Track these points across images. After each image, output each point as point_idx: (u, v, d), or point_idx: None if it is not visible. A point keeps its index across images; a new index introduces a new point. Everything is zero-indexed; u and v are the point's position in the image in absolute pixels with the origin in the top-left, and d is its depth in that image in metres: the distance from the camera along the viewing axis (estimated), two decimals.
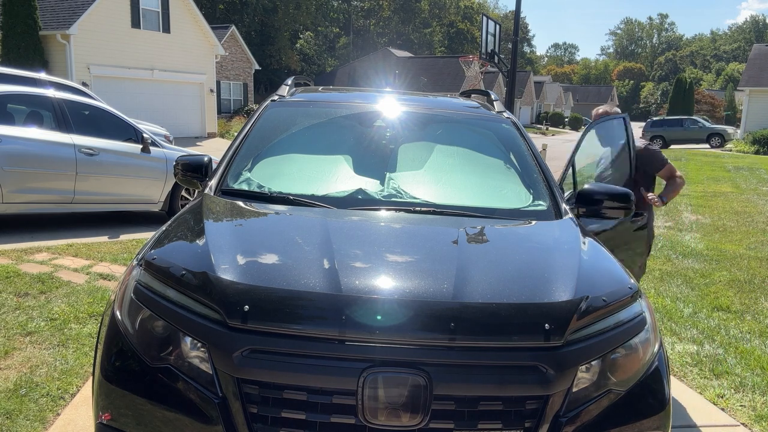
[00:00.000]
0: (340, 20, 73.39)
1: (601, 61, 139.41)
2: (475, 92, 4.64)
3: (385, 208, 2.68)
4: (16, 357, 3.78)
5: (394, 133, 3.37)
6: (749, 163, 21.53)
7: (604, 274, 2.32)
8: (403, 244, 2.37)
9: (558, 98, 77.20)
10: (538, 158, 3.28)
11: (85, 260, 6.03)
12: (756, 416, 3.55)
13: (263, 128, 3.32)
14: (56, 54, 20.27)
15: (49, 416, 3.16)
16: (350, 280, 1.94)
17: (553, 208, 2.89)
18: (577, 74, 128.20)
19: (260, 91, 41.61)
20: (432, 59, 54.85)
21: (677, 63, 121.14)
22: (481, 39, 18.74)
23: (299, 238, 2.27)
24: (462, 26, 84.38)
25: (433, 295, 1.92)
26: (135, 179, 7.98)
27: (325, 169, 3.06)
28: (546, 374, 1.82)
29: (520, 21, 17.19)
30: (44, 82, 9.75)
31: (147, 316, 1.98)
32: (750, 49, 42.35)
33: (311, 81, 4.70)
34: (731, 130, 33.40)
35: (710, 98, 55.01)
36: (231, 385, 1.79)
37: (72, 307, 4.63)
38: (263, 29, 47.39)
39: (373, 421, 1.75)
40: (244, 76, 34.20)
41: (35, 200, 7.20)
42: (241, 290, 1.89)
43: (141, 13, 22.44)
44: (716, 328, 4.95)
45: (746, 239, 8.57)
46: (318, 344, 1.79)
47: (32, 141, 7.06)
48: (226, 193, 2.82)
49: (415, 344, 1.81)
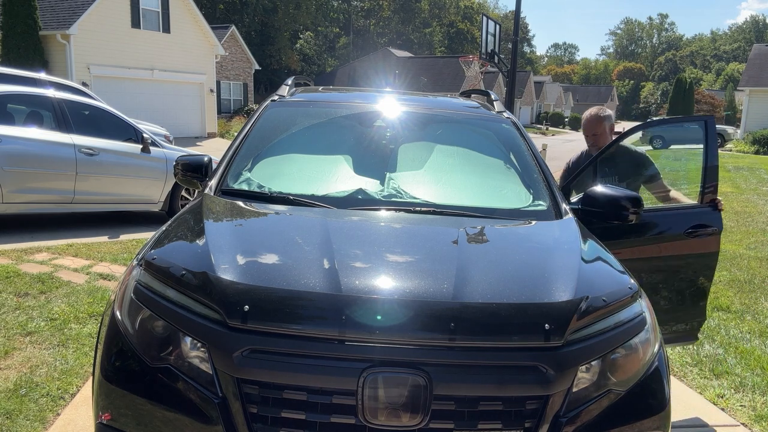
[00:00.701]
0: (340, 20, 73.38)
1: (601, 61, 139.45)
2: (475, 92, 4.64)
3: (385, 208, 2.68)
4: (16, 357, 3.78)
5: (394, 133, 3.37)
6: (749, 163, 21.53)
7: (604, 274, 2.32)
8: (403, 244, 2.37)
9: (558, 98, 77.23)
10: (538, 158, 3.28)
11: (85, 260, 6.04)
12: (756, 416, 3.55)
13: (263, 128, 3.32)
14: (56, 54, 20.28)
15: (49, 416, 3.16)
16: (350, 280, 1.94)
17: (553, 208, 2.88)
18: (577, 74, 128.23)
19: (260, 91, 41.61)
20: (432, 59, 54.86)
21: (677, 63, 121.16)
22: (481, 39, 18.74)
23: (299, 238, 2.27)
24: (462, 26, 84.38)
25: (433, 294, 1.92)
26: (135, 179, 7.98)
27: (325, 169, 3.06)
28: (546, 374, 1.82)
29: (520, 21, 17.19)
30: (44, 82, 9.75)
31: (147, 316, 1.98)
32: (750, 49, 42.37)
33: (311, 81, 4.70)
34: (731, 130, 33.41)
35: (710, 98, 54.98)
36: (231, 385, 1.79)
37: (72, 307, 4.63)
38: (263, 29, 47.40)
39: (373, 421, 1.75)
40: (244, 76, 34.20)
41: (35, 200, 7.20)
42: (241, 290, 1.89)
43: (141, 13, 22.45)
44: (716, 328, 4.95)
45: (746, 239, 8.57)
46: (318, 344, 1.79)
47: (32, 141, 7.07)
48: (226, 193, 2.82)
49: (415, 344, 1.81)
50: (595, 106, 4.11)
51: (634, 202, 2.88)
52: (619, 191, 2.96)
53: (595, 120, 3.99)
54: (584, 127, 4.06)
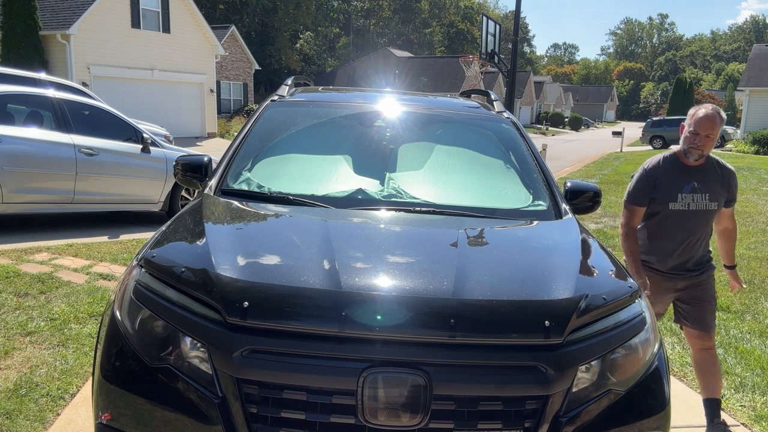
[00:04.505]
0: (340, 20, 73.38)
1: (601, 61, 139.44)
2: (475, 92, 4.64)
3: (385, 208, 2.68)
4: (16, 357, 3.78)
5: (394, 133, 3.37)
6: (749, 163, 21.52)
7: (603, 273, 2.33)
8: (403, 243, 2.37)
9: (558, 98, 77.23)
10: (538, 158, 3.28)
11: (85, 260, 6.03)
12: (756, 416, 3.55)
13: (263, 128, 3.32)
14: (56, 54, 20.28)
15: (49, 416, 3.16)
16: (350, 278, 1.94)
17: (553, 208, 2.89)
18: (577, 74, 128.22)
19: (260, 91, 41.62)
20: (432, 59, 54.88)
21: (677, 63, 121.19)
22: (481, 39, 18.74)
23: (299, 238, 2.27)
24: (462, 26, 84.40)
25: (433, 292, 1.92)
26: (135, 179, 7.98)
27: (325, 169, 3.06)
28: (546, 374, 1.82)
29: (520, 21, 17.19)
30: (44, 82, 9.76)
31: (147, 316, 1.98)
32: (750, 49, 42.37)
33: (311, 81, 4.70)
34: (731, 130, 33.41)
35: (710, 98, 54.89)
36: (231, 385, 1.79)
37: (72, 307, 4.63)
38: (263, 29, 47.40)
39: (372, 421, 1.75)
40: (244, 76, 34.21)
41: (35, 200, 7.20)
42: (241, 287, 1.89)
43: (141, 13, 22.45)
44: (716, 328, 4.94)
45: (746, 239, 8.57)
46: (318, 343, 1.79)
47: (32, 141, 7.06)
48: (226, 193, 2.82)
49: (415, 341, 1.81)
50: (710, 104, 3.29)
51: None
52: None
53: (716, 120, 3.15)
54: (699, 124, 3.15)
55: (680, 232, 3.24)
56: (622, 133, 31.09)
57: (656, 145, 31.89)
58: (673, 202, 3.19)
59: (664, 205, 3.21)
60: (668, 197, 3.20)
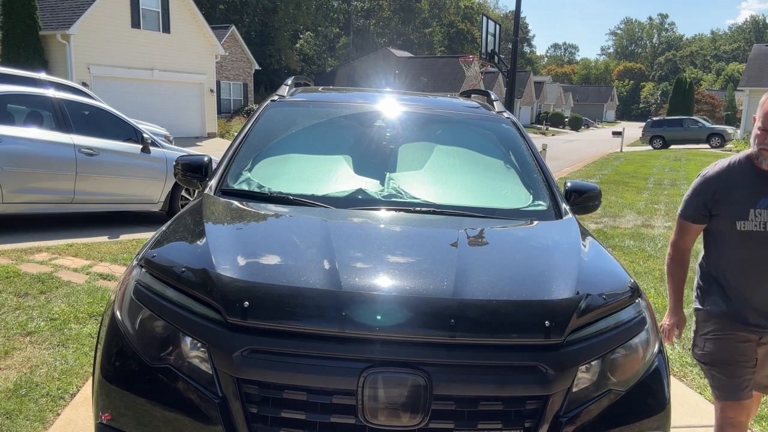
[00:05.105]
0: (340, 20, 73.40)
1: (601, 61, 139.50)
2: (475, 92, 4.64)
3: (385, 208, 2.68)
4: (16, 357, 3.78)
5: (394, 133, 3.37)
6: None
7: (604, 273, 2.33)
8: (403, 243, 2.38)
9: (558, 98, 77.24)
10: (538, 158, 3.28)
11: (85, 260, 6.03)
12: (756, 416, 3.55)
13: (263, 128, 3.32)
14: (56, 54, 20.28)
15: (49, 416, 3.16)
16: (350, 278, 1.94)
17: (553, 208, 2.89)
18: (577, 74, 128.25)
19: (260, 91, 41.61)
20: (432, 59, 54.89)
21: (677, 63, 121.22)
22: (481, 39, 18.74)
23: (299, 238, 2.27)
24: (462, 26, 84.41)
25: (433, 291, 1.92)
26: (135, 179, 7.98)
27: (325, 169, 3.06)
28: (546, 374, 1.82)
29: (520, 21, 17.19)
30: (44, 82, 9.76)
31: (147, 316, 1.98)
32: (750, 49, 42.37)
33: (311, 81, 4.70)
34: (731, 130, 33.39)
35: (710, 98, 54.99)
36: (231, 385, 1.79)
37: (72, 307, 4.63)
38: (263, 29, 47.40)
39: (373, 421, 1.75)
40: (244, 76, 34.21)
41: (35, 200, 7.20)
42: (241, 287, 1.89)
43: (141, 13, 22.45)
44: None
45: None
46: (318, 343, 1.79)
47: (32, 141, 7.07)
48: (226, 193, 2.82)
49: (415, 341, 1.81)
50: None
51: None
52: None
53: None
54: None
55: (760, 263, 2.39)
56: (622, 133, 31.08)
57: (656, 145, 31.90)
58: (743, 221, 2.38)
59: (731, 224, 2.41)
60: (736, 214, 2.39)
